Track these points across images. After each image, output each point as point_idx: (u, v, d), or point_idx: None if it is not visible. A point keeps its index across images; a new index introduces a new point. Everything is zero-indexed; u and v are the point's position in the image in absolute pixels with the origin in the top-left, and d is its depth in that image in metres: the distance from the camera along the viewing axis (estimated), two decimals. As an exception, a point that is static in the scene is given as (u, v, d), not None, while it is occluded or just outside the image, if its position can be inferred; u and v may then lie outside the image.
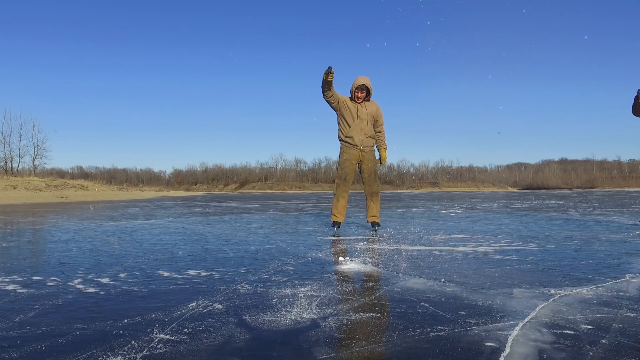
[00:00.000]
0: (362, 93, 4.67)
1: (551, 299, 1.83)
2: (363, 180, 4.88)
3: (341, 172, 4.80)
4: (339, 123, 4.79)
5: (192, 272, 2.48)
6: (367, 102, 4.74)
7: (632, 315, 1.61)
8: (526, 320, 1.55)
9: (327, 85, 4.51)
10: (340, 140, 4.84)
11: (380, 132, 4.88)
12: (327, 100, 4.65)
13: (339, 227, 4.74)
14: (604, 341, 1.35)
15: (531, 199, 17.60)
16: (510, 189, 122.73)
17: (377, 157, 4.93)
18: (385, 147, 4.93)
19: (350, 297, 1.91)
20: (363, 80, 4.63)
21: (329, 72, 4.39)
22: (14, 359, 1.27)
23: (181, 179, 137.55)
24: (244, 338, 1.42)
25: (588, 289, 2.02)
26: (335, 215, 4.71)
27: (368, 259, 2.87)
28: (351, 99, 4.72)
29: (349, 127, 4.72)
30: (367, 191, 4.85)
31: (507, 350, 1.29)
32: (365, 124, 4.72)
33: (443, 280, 2.22)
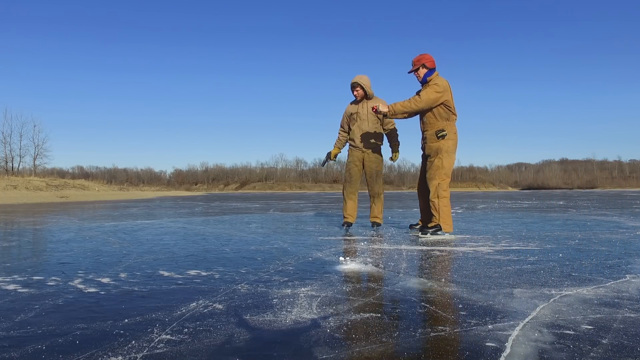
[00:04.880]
0: (357, 91, 4.65)
1: (551, 299, 1.83)
2: (366, 181, 4.89)
3: (346, 174, 4.85)
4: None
5: (193, 272, 2.48)
6: (368, 101, 4.70)
7: (633, 315, 1.61)
8: (527, 320, 1.55)
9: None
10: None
11: (391, 129, 4.78)
12: None
13: (348, 226, 4.80)
14: (604, 341, 1.35)
15: (532, 199, 17.59)
16: (510, 189, 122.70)
17: (390, 155, 4.90)
18: (397, 143, 4.83)
19: (351, 297, 1.91)
20: (355, 78, 4.62)
21: (328, 160, 4.78)
22: (14, 358, 1.27)
23: (182, 178, 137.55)
24: (244, 338, 1.42)
25: (589, 289, 2.01)
26: (345, 217, 4.81)
27: (368, 259, 2.87)
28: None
29: (351, 129, 4.75)
30: (369, 192, 4.88)
31: (508, 350, 1.28)
32: (366, 124, 4.68)
33: (443, 280, 2.22)
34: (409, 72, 4.26)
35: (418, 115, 4.33)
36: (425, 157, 4.36)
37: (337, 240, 3.93)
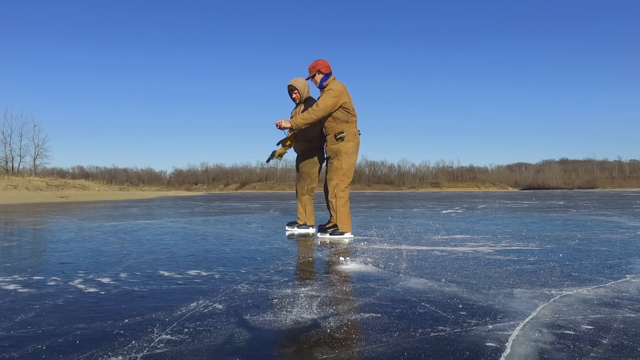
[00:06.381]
0: (295, 94, 4.57)
1: (552, 299, 1.82)
2: None
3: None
4: None
5: (193, 272, 2.48)
6: (302, 105, 4.59)
7: (633, 315, 1.61)
8: (527, 320, 1.55)
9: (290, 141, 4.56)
10: None
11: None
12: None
13: (293, 225, 4.76)
14: (604, 341, 1.35)
15: (532, 199, 17.58)
16: (510, 189, 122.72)
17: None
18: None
19: (351, 297, 1.91)
20: (291, 81, 4.53)
21: (272, 157, 4.59)
22: (14, 358, 1.27)
23: (182, 178, 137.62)
24: (244, 338, 1.42)
25: (589, 289, 2.01)
26: None
27: (369, 259, 2.87)
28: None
29: None
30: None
31: (508, 350, 1.28)
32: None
33: (444, 280, 2.22)
34: (306, 79, 4.30)
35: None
36: (327, 159, 4.39)
37: (337, 240, 3.93)
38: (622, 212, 7.87)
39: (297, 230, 4.68)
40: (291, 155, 5.17)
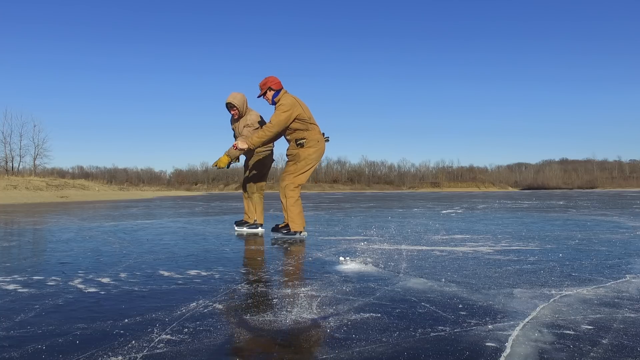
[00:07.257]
0: (234, 111, 4.63)
1: (551, 299, 1.83)
2: None
3: None
4: None
5: (193, 272, 2.48)
6: (241, 119, 4.67)
7: (632, 315, 1.61)
8: (527, 320, 1.55)
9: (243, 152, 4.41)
10: None
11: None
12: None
13: (242, 224, 4.83)
14: (604, 341, 1.35)
15: (532, 199, 17.59)
16: (510, 189, 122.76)
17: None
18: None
19: (351, 297, 1.91)
20: (229, 98, 4.59)
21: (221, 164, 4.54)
22: (14, 358, 1.27)
23: (182, 178, 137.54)
24: (244, 338, 1.42)
25: (589, 289, 2.01)
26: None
27: (368, 259, 2.87)
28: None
29: None
30: None
31: (508, 350, 1.28)
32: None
33: (443, 280, 2.22)
34: (257, 97, 4.30)
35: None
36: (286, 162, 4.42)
37: (337, 240, 3.93)
38: (622, 212, 7.87)
39: (246, 230, 4.74)
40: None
